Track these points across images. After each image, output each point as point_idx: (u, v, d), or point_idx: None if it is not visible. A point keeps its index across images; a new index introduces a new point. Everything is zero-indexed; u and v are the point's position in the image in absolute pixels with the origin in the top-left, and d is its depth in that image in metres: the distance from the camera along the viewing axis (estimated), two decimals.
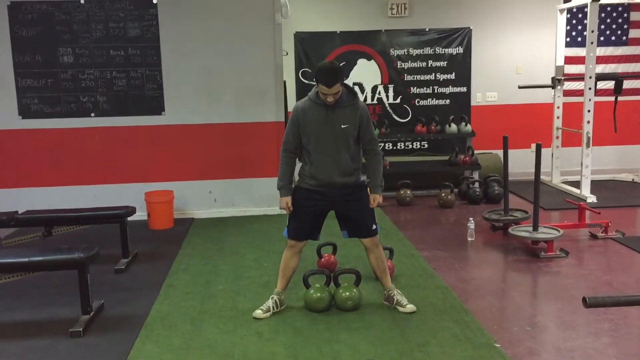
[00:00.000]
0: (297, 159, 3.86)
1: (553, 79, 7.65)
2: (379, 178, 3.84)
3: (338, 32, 7.68)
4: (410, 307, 3.79)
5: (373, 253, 3.86)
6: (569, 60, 7.87)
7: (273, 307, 3.80)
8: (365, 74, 7.74)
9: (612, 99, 7.26)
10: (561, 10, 7.57)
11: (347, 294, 3.85)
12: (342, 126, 3.65)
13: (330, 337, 3.48)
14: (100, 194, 6.25)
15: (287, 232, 3.85)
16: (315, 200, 3.76)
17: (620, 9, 8.04)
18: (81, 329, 3.58)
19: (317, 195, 3.75)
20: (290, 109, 7.26)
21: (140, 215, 5.77)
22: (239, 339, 3.49)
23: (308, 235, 3.84)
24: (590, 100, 6.79)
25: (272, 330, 3.59)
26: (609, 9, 7.99)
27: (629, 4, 7.87)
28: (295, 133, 3.74)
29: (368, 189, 3.84)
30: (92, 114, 6.27)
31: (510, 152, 5.87)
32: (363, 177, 3.87)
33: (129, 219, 5.03)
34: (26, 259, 3.78)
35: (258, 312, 3.77)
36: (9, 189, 6.22)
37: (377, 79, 7.77)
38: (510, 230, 5.30)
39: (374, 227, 3.83)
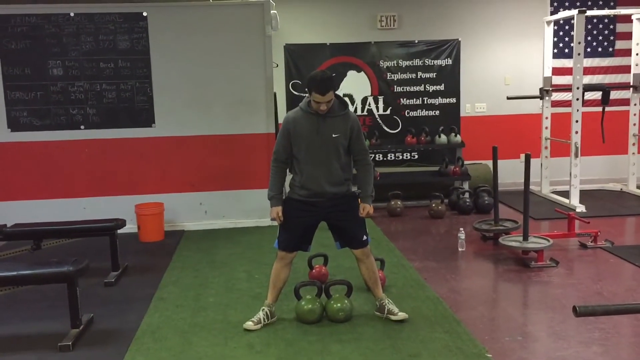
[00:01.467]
0: (287, 170, 3.86)
1: (541, 89, 7.71)
2: (370, 188, 3.84)
3: (328, 44, 7.72)
4: (401, 315, 3.80)
5: (364, 264, 3.86)
6: (556, 71, 7.94)
7: (264, 319, 3.79)
8: (355, 86, 7.77)
9: (600, 109, 7.33)
10: (548, 22, 7.65)
11: (339, 305, 3.84)
12: (333, 135, 3.67)
13: (322, 348, 3.47)
14: (90, 207, 6.22)
15: (277, 243, 3.85)
16: (305, 212, 3.76)
17: (606, 20, 8.14)
18: (70, 343, 3.55)
19: (308, 207, 3.75)
20: (280, 120, 7.28)
21: (130, 227, 5.74)
22: (230, 351, 3.47)
23: (298, 246, 3.84)
24: (578, 110, 6.85)
25: (263, 343, 3.57)
26: (595, 20, 8.09)
27: (615, 16, 7.97)
28: (285, 143, 3.75)
29: (359, 199, 3.84)
30: (82, 127, 6.24)
31: (500, 162, 5.91)
32: (354, 188, 3.88)
33: (119, 231, 5.00)
34: (15, 273, 3.74)
35: (249, 324, 3.76)
36: None
37: (367, 91, 7.80)
38: (500, 240, 5.32)
39: (365, 237, 3.83)
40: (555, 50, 7.98)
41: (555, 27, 7.88)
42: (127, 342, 3.62)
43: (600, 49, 8.19)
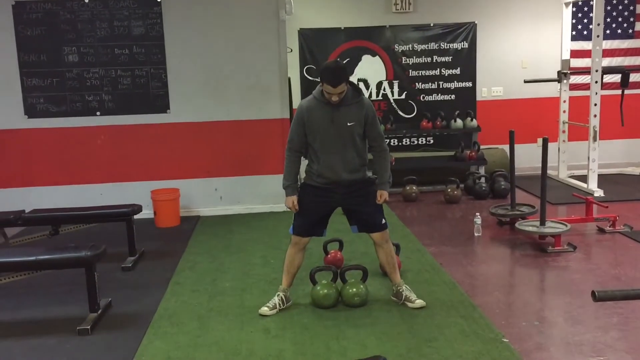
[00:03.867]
0: (302, 158, 3.84)
1: (559, 72, 7.61)
2: (387, 174, 3.82)
3: (342, 28, 7.66)
4: (419, 303, 3.78)
5: (382, 248, 3.85)
6: (574, 54, 7.83)
7: (279, 304, 3.80)
8: (370, 70, 7.72)
9: (619, 92, 7.21)
10: (567, 4, 7.53)
11: (354, 290, 3.84)
12: (348, 124, 3.65)
13: (338, 333, 3.47)
14: (107, 193, 6.27)
15: (292, 229, 3.85)
16: (322, 197, 3.76)
17: (626, 1, 7.99)
18: (89, 327, 3.59)
19: (324, 192, 3.75)
20: (295, 105, 7.27)
21: (146, 213, 5.78)
22: (246, 335, 3.49)
23: (313, 231, 3.83)
24: (596, 93, 6.75)
25: (279, 327, 3.58)
26: (614, 1, 7.94)
27: None
28: (300, 132, 3.73)
29: (375, 185, 3.83)
30: (98, 113, 6.27)
31: (517, 146, 5.85)
32: (369, 173, 3.86)
33: (136, 217, 5.04)
34: (33, 258, 3.79)
35: (264, 309, 3.77)
36: (16, 188, 6.24)
37: (382, 75, 7.75)
38: (517, 225, 5.28)
39: (383, 221, 3.83)
40: (574, 33, 7.85)
41: (574, 9, 7.76)
42: (145, 326, 3.65)
43: (619, 31, 8.05)
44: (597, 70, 6.75)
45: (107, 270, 4.51)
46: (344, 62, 7.63)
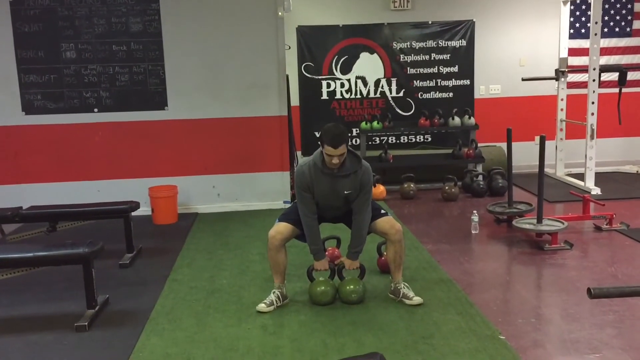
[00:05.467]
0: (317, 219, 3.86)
1: (557, 71, 7.62)
2: (361, 244, 3.84)
3: (340, 25, 7.67)
4: (417, 300, 3.79)
5: (394, 247, 3.83)
6: (572, 52, 7.84)
7: (276, 301, 3.80)
8: (368, 68, 7.73)
9: (616, 90, 7.23)
10: (564, 2, 7.54)
11: (352, 287, 3.85)
12: (345, 192, 3.75)
13: (335, 330, 3.48)
14: (104, 190, 6.27)
15: (278, 218, 3.89)
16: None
17: (624, 0, 8.00)
18: (86, 324, 3.60)
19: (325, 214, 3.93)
20: (293, 103, 7.27)
21: (144, 210, 5.79)
22: (244, 332, 3.50)
23: (297, 225, 3.81)
24: (594, 92, 6.77)
25: (277, 324, 3.59)
26: (612, 0, 7.95)
27: None
28: (309, 197, 3.76)
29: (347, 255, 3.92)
30: (95, 110, 6.27)
31: (514, 144, 5.86)
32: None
33: (133, 214, 5.03)
34: (31, 254, 3.78)
35: (261, 306, 3.78)
36: (13, 185, 6.24)
37: (379, 73, 7.76)
38: (514, 222, 5.29)
39: (383, 211, 3.90)
40: (572, 31, 7.86)
41: (572, 7, 7.77)
42: (142, 323, 3.66)
43: (617, 29, 8.06)
44: (594, 69, 6.76)
45: (104, 267, 4.51)
46: (342, 59, 7.66)
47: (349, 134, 7.57)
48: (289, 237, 3.82)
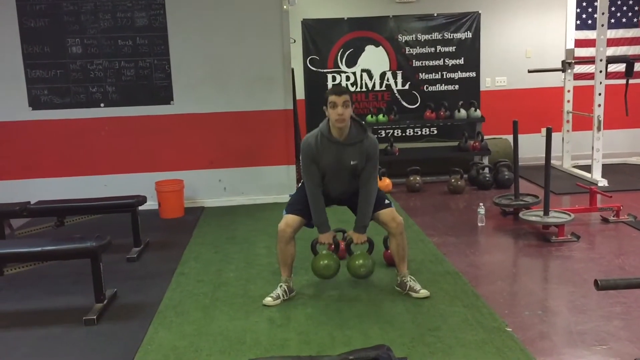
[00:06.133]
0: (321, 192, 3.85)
1: (563, 62, 7.58)
2: (367, 218, 3.83)
3: (345, 18, 7.65)
4: (423, 293, 3.80)
5: (396, 239, 3.84)
6: (579, 43, 7.79)
7: (282, 295, 3.82)
8: (374, 61, 7.71)
9: (624, 81, 7.19)
10: None
11: (361, 261, 3.86)
12: (352, 162, 3.74)
13: (342, 323, 3.49)
14: (111, 184, 6.29)
15: (285, 209, 3.89)
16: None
17: None
18: (95, 317, 3.62)
19: (325, 193, 3.87)
20: (298, 96, 7.27)
21: (150, 204, 5.81)
22: (251, 325, 3.51)
23: (305, 215, 3.82)
24: (601, 83, 6.73)
25: (284, 317, 3.61)
26: None
27: None
28: (315, 169, 3.77)
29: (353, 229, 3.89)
30: (102, 104, 6.29)
31: (521, 136, 5.83)
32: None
33: (140, 208, 5.06)
34: (39, 249, 3.81)
35: (268, 300, 3.79)
36: (21, 180, 6.27)
37: (385, 66, 7.74)
38: (520, 215, 5.28)
39: (387, 202, 3.88)
40: (578, 22, 7.82)
41: None
42: (150, 316, 3.68)
43: (624, 20, 8.01)
44: (601, 60, 6.72)
45: (112, 261, 4.54)
46: (348, 52, 7.64)
47: None
48: (298, 228, 3.83)
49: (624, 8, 7.99)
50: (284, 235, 3.78)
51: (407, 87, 7.78)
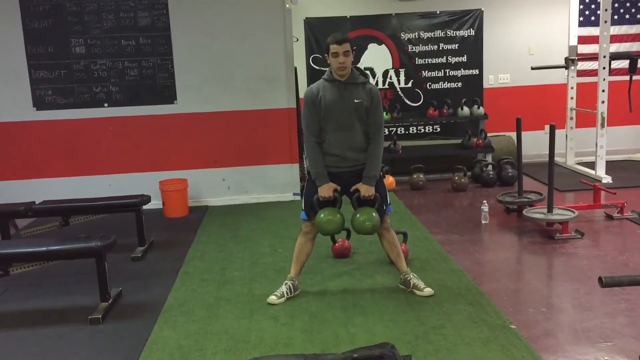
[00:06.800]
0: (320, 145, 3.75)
1: (566, 59, 7.56)
2: (376, 168, 3.72)
3: (348, 17, 7.64)
4: (427, 291, 3.80)
5: (384, 237, 3.86)
6: (582, 39, 7.77)
7: (287, 293, 3.83)
8: (376, 59, 7.69)
9: (627, 78, 7.17)
10: None
11: (366, 215, 3.69)
12: (355, 100, 3.69)
13: (346, 320, 3.50)
14: (115, 184, 6.31)
15: (303, 214, 3.83)
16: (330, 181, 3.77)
17: None
18: (100, 316, 3.64)
19: (332, 178, 3.75)
20: (301, 95, 7.26)
21: (155, 203, 5.82)
22: (255, 324, 3.52)
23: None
24: (604, 80, 6.72)
25: (288, 315, 3.61)
26: None
27: None
28: (315, 114, 3.71)
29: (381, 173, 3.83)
30: (105, 104, 6.30)
31: (524, 134, 5.83)
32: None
33: (144, 207, 5.07)
34: (44, 249, 3.83)
35: (272, 298, 3.80)
36: (26, 180, 6.29)
37: (388, 64, 7.73)
38: (524, 212, 5.28)
39: (384, 207, 3.80)
40: (581, 18, 7.79)
41: None
42: (155, 315, 3.69)
43: (627, 16, 7.98)
44: (604, 56, 6.71)
45: (117, 260, 4.55)
46: None
47: None
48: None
49: (627, 4, 7.96)
50: (309, 233, 3.83)
51: (410, 85, 7.77)
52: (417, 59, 7.72)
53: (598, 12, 7.24)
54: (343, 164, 3.74)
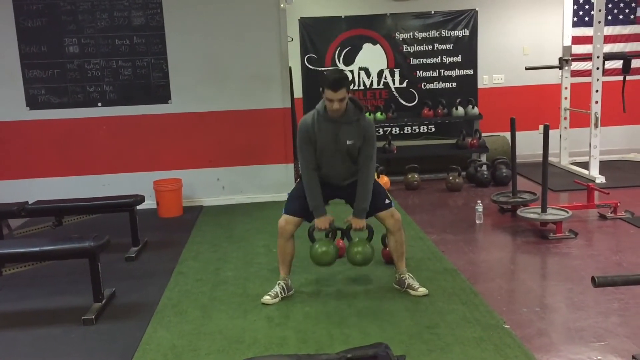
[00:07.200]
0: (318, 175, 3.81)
1: (560, 59, 7.59)
2: (366, 202, 3.76)
3: (343, 16, 7.64)
4: (422, 291, 3.80)
5: (394, 236, 3.84)
6: (576, 40, 7.80)
7: (281, 293, 3.82)
8: (371, 59, 7.69)
9: (621, 78, 7.19)
10: None
11: (359, 248, 3.82)
12: (348, 142, 3.70)
13: (340, 321, 3.50)
14: (109, 183, 6.29)
15: (284, 209, 3.87)
16: (321, 184, 3.79)
17: None
18: (93, 317, 3.62)
19: (323, 184, 3.80)
20: (296, 95, 7.27)
21: (149, 203, 5.81)
22: (250, 324, 3.52)
23: (304, 213, 3.82)
24: (598, 80, 6.74)
25: (282, 315, 3.61)
26: None
27: None
28: (311, 150, 3.74)
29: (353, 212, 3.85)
30: (99, 104, 6.28)
31: (518, 134, 5.85)
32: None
33: (138, 207, 5.06)
34: (37, 249, 3.81)
35: (266, 298, 3.80)
36: (19, 180, 6.27)
37: (383, 64, 7.73)
38: (518, 212, 5.29)
39: (387, 201, 3.84)
40: (575, 19, 7.82)
41: None
42: (149, 316, 3.68)
43: (621, 17, 8.01)
44: (598, 57, 6.73)
45: (110, 260, 4.54)
46: (345, 50, 7.64)
47: None
48: (298, 225, 3.84)
49: (621, 5, 7.99)
50: (284, 233, 3.79)
51: (404, 85, 7.77)
52: (411, 59, 7.73)
53: (592, 12, 7.27)
54: (335, 182, 3.86)
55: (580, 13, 7.93)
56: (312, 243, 3.91)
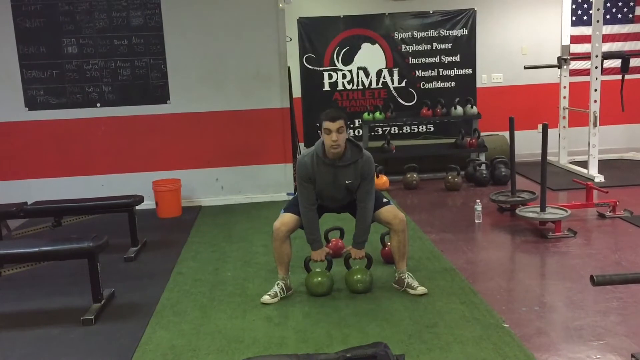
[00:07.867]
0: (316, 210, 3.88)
1: (559, 58, 7.59)
2: (365, 235, 3.87)
3: (341, 16, 7.64)
4: (421, 290, 3.81)
5: (398, 237, 3.85)
6: (575, 39, 7.80)
7: (280, 293, 3.83)
8: (370, 58, 7.70)
9: (619, 77, 7.20)
10: None
11: (358, 276, 3.88)
12: (347, 182, 3.77)
13: (339, 320, 3.50)
14: (108, 184, 6.29)
15: (283, 209, 3.93)
16: None
17: None
18: (93, 317, 3.62)
19: (323, 206, 3.96)
20: (295, 94, 7.27)
21: (148, 204, 5.80)
22: (249, 324, 3.52)
23: (299, 212, 3.83)
24: (596, 79, 6.74)
25: (282, 315, 3.61)
26: None
27: None
28: (310, 187, 3.78)
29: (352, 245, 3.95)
30: (98, 104, 6.28)
31: (517, 133, 5.85)
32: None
33: (137, 207, 5.06)
34: (36, 249, 3.81)
35: (266, 298, 3.80)
36: (18, 181, 6.26)
37: (381, 63, 7.74)
38: (517, 211, 5.29)
39: (385, 199, 3.92)
40: (574, 18, 7.82)
41: None
42: (148, 316, 3.68)
43: (619, 16, 8.02)
44: (597, 56, 6.73)
45: (109, 261, 4.54)
46: (344, 50, 7.64)
47: (351, 125, 7.59)
48: (293, 228, 3.84)
49: (619, 4, 8.00)
50: (279, 234, 3.79)
51: (403, 84, 7.78)
52: (410, 58, 7.73)
53: (590, 11, 7.27)
54: (334, 207, 4.01)
55: (579, 12, 7.94)
56: (308, 273, 3.93)
